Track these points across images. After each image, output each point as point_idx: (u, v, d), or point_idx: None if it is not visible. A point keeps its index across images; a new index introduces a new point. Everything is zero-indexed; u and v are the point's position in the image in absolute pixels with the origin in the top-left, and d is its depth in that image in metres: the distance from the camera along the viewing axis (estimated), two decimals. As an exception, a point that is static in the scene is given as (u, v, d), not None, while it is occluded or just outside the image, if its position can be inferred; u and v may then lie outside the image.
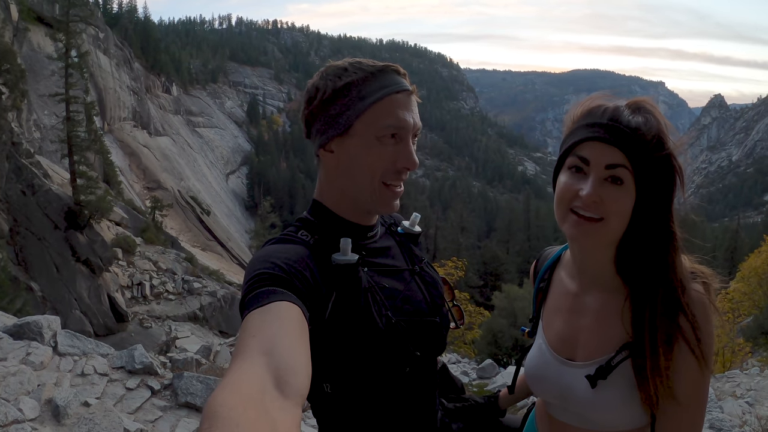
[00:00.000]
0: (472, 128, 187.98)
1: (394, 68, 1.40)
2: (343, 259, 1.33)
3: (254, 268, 1.21)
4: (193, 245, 49.37)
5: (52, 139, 31.08)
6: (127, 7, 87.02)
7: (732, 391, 8.51)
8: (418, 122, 1.39)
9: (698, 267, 1.35)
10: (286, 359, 0.90)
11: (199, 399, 5.68)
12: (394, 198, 1.41)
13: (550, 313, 1.56)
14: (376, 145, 1.35)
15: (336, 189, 1.44)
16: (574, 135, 1.33)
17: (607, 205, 1.27)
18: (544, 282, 1.63)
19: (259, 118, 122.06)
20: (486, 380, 12.93)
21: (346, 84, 1.35)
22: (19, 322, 6.44)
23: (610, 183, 1.27)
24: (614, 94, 1.34)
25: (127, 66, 66.25)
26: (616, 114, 1.28)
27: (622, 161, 1.25)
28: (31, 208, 22.80)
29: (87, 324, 21.38)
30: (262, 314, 1.04)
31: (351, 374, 1.34)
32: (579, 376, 1.38)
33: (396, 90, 1.36)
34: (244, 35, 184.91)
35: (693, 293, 1.28)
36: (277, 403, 0.80)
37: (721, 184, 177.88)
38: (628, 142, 1.25)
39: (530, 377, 1.56)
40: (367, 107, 1.34)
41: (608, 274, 1.39)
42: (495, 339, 23.93)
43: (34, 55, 38.64)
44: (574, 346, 1.44)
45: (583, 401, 1.37)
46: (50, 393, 5.25)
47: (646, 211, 1.29)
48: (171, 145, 72.60)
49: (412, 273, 1.53)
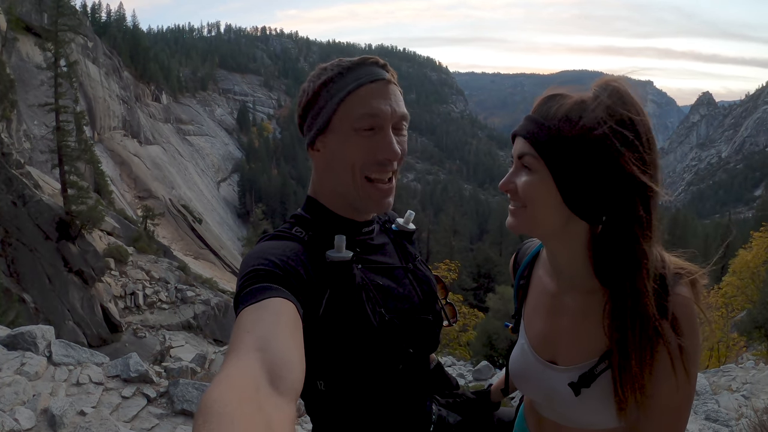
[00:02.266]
0: (462, 131, 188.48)
1: (373, 60, 1.39)
2: (338, 256, 1.32)
3: (249, 265, 1.21)
4: (185, 254, 49.22)
5: (42, 149, 30.93)
6: (115, 16, 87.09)
7: (728, 385, 8.52)
8: (398, 110, 1.36)
9: (684, 264, 1.28)
10: (280, 355, 0.91)
11: (196, 406, 5.63)
12: (381, 195, 1.38)
13: (530, 312, 1.54)
14: (354, 137, 1.33)
15: (327, 186, 1.44)
16: None
17: (521, 191, 1.27)
18: (524, 279, 1.60)
19: (249, 125, 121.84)
20: (482, 382, 12.93)
21: (323, 82, 1.37)
22: (13, 333, 6.40)
23: (523, 170, 1.28)
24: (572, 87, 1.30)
25: (117, 75, 66.10)
26: (536, 106, 1.30)
27: (528, 150, 1.25)
28: (22, 219, 22.66)
29: (80, 335, 21.27)
30: (257, 310, 1.04)
31: (345, 371, 1.34)
32: (562, 381, 1.35)
33: (370, 80, 1.34)
34: (233, 42, 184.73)
35: (677, 297, 1.22)
36: (272, 399, 0.80)
37: (711, 181, 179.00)
38: (533, 129, 1.26)
39: (514, 376, 1.54)
40: (341, 100, 1.34)
41: (585, 274, 1.33)
42: (490, 341, 23.90)
43: (23, 65, 38.47)
44: (555, 348, 1.41)
45: (567, 405, 1.35)
46: (46, 403, 5.22)
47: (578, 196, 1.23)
48: (161, 154, 72.44)
49: (406, 270, 1.53)
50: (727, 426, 6.48)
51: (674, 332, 1.20)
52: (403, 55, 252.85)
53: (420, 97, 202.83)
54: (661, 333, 1.19)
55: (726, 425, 6.52)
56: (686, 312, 1.21)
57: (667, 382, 1.21)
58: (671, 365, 1.19)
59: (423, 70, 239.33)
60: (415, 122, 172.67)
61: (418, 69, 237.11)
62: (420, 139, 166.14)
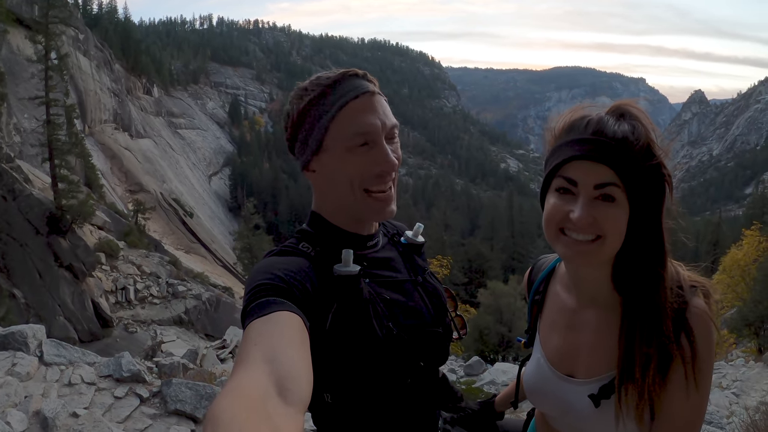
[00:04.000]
0: (454, 126, 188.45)
1: (352, 73, 1.37)
2: (345, 270, 1.32)
3: (255, 279, 1.21)
4: (176, 248, 49.08)
5: (32, 143, 30.77)
6: (107, 8, 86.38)
7: (718, 383, 8.57)
8: (388, 121, 1.36)
9: (697, 277, 1.29)
10: (287, 367, 0.91)
11: (189, 406, 5.61)
12: (383, 205, 1.38)
13: (546, 327, 1.53)
14: (350, 157, 1.33)
15: (329, 203, 1.44)
16: (558, 153, 1.28)
17: (602, 224, 1.21)
18: (539, 295, 1.59)
19: (241, 119, 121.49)
20: (473, 377, 12.93)
21: (307, 103, 1.36)
22: (3, 332, 6.34)
23: (602, 201, 1.21)
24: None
25: (108, 67, 65.64)
26: (601, 126, 1.22)
27: (612, 179, 1.19)
28: (12, 214, 22.52)
29: (71, 330, 21.20)
30: (264, 323, 1.04)
31: (351, 385, 1.33)
32: (581, 394, 1.36)
33: (354, 95, 1.33)
34: (225, 35, 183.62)
35: (695, 310, 1.23)
36: (280, 410, 0.80)
37: (702, 179, 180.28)
38: (616, 156, 1.19)
39: (529, 391, 1.55)
40: (330, 121, 1.33)
41: (606, 290, 1.34)
42: (481, 336, 24.01)
43: (14, 58, 38.18)
44: (573, 362, 1.42)
45: (584, 417, 1.36)
46: (38, 405, 5.17)
47: (640, 224, 1.24)
48: (153, 147, 72.10)
49: (415, 284, 1.51)
50: (721, 428, 6.50)
51: (690, 344, 1.21)
52: (396, 49, 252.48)
53: (412, 91, 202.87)
54: (681, 345, 1.21)
55: (719, 427, 6.54)
56: (703, 324, 1.23)
57: (680, 394, 1.22)
58: (685, 378, 1.20)
59: (416, 64, 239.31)
60: (408, 117, 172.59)
61: (411, 63, 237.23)
62: (412, 134, 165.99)
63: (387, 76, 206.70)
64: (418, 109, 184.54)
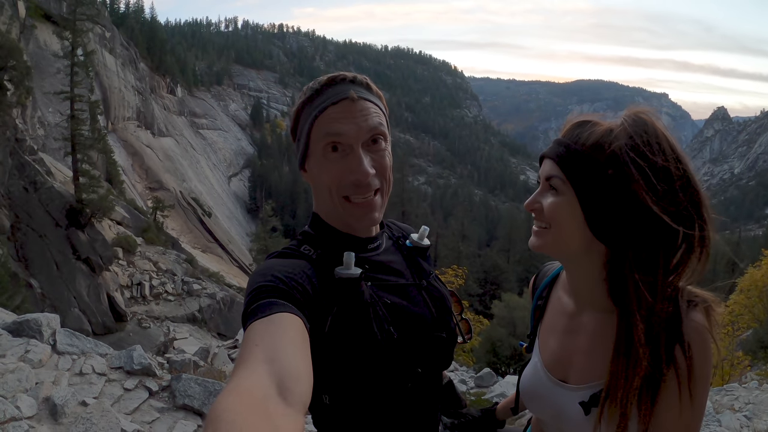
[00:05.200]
0: (475, 136, 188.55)
1: (341, 77, 1.38)
2: (346, 273, 1.32)
3: (255, 281, 1.22)
4: (193, 246, 49.43)
5: (55, 136, 31.19)
6: (133, 8, 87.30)
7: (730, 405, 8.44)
8: (366, 125, 1.33)
9: (699, 291, 1.27)
10: (288, 367, 0.92)
11: (197, 401, 5.65)
12: (363, 211, 1.37)
13: (546, 331, 1.55)
14: (325, 162, 1.35)
15: (322, 204, 1.46)
16: None
17: (546, 212, 1.32)
18: (542, 300, 1.62)
19: (262, 122, 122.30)
20: (484, 389, 12.86)
21: (299, 106, 1.40)
22: (18, 320, 6.43)
23: (548, 191, 1.33)
24: (616, 107, 1.28)
25: (133, 66, 66.42)
26: (567, 130, 1.34)
27: (556, 172, 1.30)
28: (33, 205, 22.80)
29: (85, 322, 21.38)
30: (265, 324, 1.05)
31: (349, 387, 1.33)
32: (572, 400, 1.35)
33: (333, 101, 1.33)
34: (249, 38, 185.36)
35: (692, 324, 1.21)
36: (280, 410, 0.81)
37: (722, 197, 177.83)
38: (562, 152, 1.30)
39: (524, 395, 1.55)
40: (311, 125, 1.35)
41: (601, 295, 1.34)
42: (494, 348, 23.84)
43: (41, 53, 38.71)
44: (567, 367, 1.42)
45: (575, 424, 1.35)
46: (48, 391, 5.23)
47: (600, 219, 1.25)
48: (174, 146, 72.74)
49: (418, 287, 1.50)
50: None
51: (685, 358, 1.19)
52: (419, 57, 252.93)
53: (434, 100, 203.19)
54: (675, 359, 1.19)
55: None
56: (699, 339, 1.21)
57: (673, 412, 1.20)
58: (678, 396, 1.19)
59: (438, 73, 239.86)
60: (429, 126, 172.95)
61: (434, 72, 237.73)
62: (432, 143, 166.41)
63: (409, 84, 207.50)
64: (440, 118, 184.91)
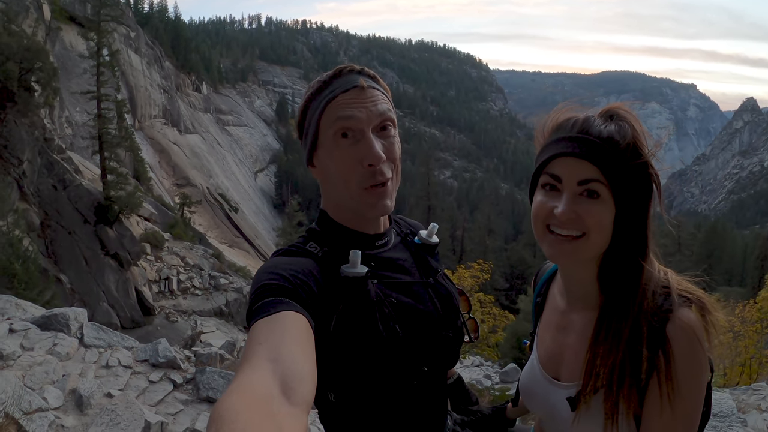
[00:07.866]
0: (500, 129, 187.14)
1: (348, 68, 1.38)
2: (352, 271, 1.31)
3: (260, 279, 1.22)
4: (220, 242, 49.89)
5: (83, 135, 31.70)
6: (157, 7, 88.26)
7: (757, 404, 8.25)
8: (375, 110, 1.33)
9: (693, 289, 1.24)
10: (292, 366, 0.91)
11: (220, 394, 5.71)
12: (376, 198, 1.35)
13: (542, 329, 1.54)
14: (336, 149, 1.33)
15: (331, 200, 1.45)
16: (545, 151, 1.30)
17: (586, 221, 1.22)
18: (540, 297, 1.61)
19: (287, 117, 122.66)
20: (508, 384, 12.80)
21: (306, 100, 1.40)
22: (47, 314, 6.57)
23: (586, 197, 1.22)
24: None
25: (158, 64, 67.12)
26: (586, 125, 1.24)
27: (595, 175, 1.20)
28: (62, 203, 23.21)
29: (114, 317, 21.72)
30: (269, 323, 1.05)
31: (354, 385, 1.33)
32: (561, 397, 1.35)
33: (342, 90, 1.33)
34: (273, 35, 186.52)
35: (678, 321, 1.17)
36: (284, 409, 0.81)
37: (752, 190, 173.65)
38: (600, 153, 1.20)
39: (522, 392, 1.56)
40: (320, 116, 1.34)
41: (593, 291, 1.33)
42: (519, 343, 23.71)
43: (66, 54, 39.33)
44: (559, 364, 1.41)
45: (565, 422, 1.33)
46: (74, 383, 5.35)
47: (626, 223, 1.23)
48: (200, 143, 73.37)
49: (425, 286, 1.49)
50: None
51: (665, 359, 1.15)
52: (443, 50, 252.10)
53: (459, 93, 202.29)
54: (659, 357, 1.16)
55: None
56: (685, 338, 1.16)
57: (654, 413, 1.18)
58: (659, 397, 1.16)
59: (463, 66, 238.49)
60: (454, 119, 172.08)
61: (458, 65, 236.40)
62: (458, 136, 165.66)
63: (434, 77, 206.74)
64: (465, 112, 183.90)
